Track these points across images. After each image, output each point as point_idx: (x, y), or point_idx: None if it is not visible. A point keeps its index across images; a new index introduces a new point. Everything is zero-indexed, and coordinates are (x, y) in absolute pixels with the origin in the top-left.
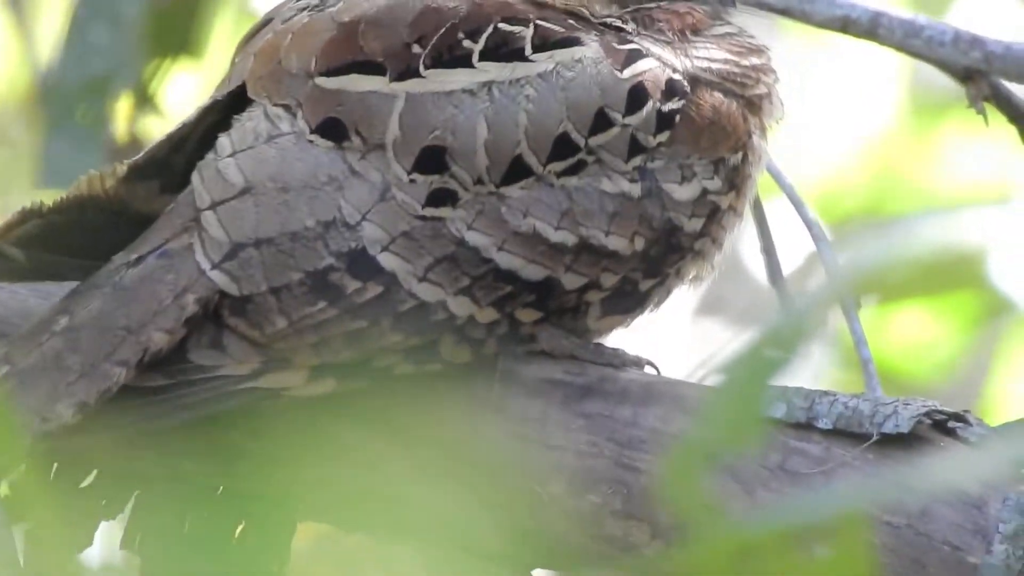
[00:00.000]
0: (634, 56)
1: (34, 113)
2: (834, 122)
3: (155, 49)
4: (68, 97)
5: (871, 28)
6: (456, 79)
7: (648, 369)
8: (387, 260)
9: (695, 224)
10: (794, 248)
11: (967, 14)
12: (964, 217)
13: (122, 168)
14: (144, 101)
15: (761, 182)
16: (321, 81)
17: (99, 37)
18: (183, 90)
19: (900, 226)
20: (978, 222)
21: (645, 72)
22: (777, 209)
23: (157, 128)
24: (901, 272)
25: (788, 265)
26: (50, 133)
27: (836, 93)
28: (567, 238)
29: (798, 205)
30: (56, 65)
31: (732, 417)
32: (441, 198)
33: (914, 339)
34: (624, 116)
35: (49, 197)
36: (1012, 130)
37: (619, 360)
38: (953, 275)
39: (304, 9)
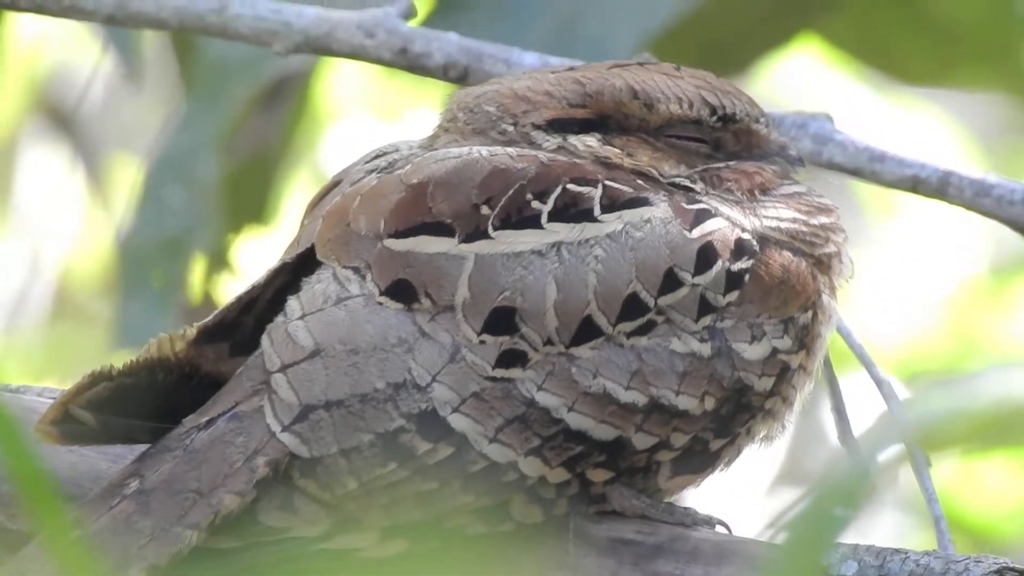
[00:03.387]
0: (703, 216)
1: (112, 279)
2: (911, 282)
3: (229, 211)
4: (143, 259)
5: (941, 187)
6: (525, 240)
7: (719, 528)
8: (457, 421)
9: (765, 383)
10: (867, 408)
11: None
12: None
13: (192, 331)
14: (218, 263)
15: (832, 342)
16: (390, 243)
17: (173, 199)
18: (257, 252)
19: (967, 381)
20: None
21: (714, 232)
22: (851, 372)
23: (231, 290)
24: (968, 425)
25: (860, 425)
26: (125, 297)
27: (917, 253)
28: (637, 398)
29: (868, 364)
30: (131, 228)
31: (797, 574)
32: (511, 359)
33: (989, 497)
34: (693, 276)
35: (120, 360)
36: None
37: (690, 519)
38: (1021, 428)
39: (373, 171)
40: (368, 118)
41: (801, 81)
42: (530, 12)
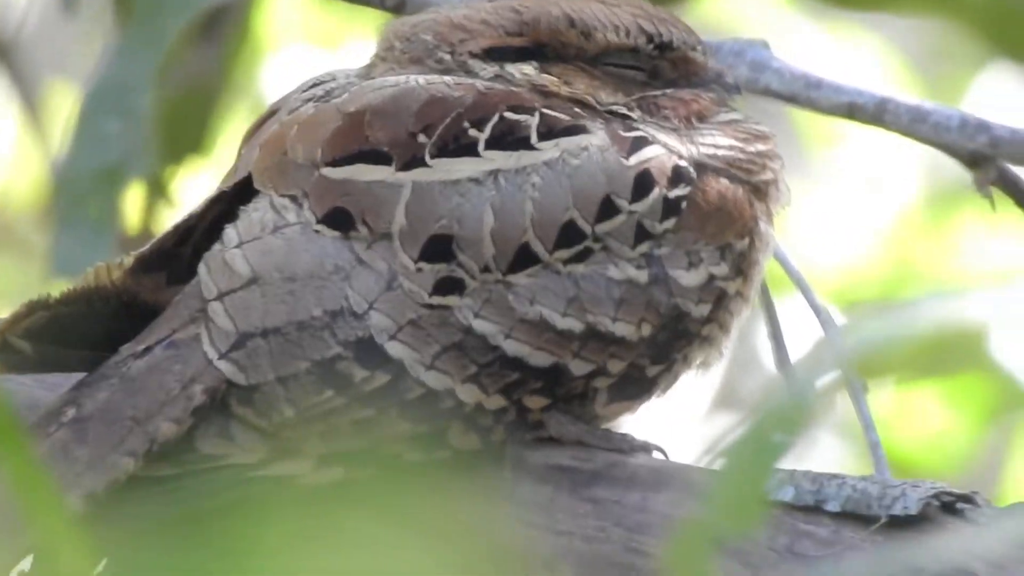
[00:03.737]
0: (640, 143)
1: (47, 209)
2: (848, 209)
3: (167, 141)
4: (79, 189)
5: (877, 114)
6: (462, 168)
7: (657, 454)
8: (394, 348)
9: (702, 310)
10: (804, 335)
11: (982, 101)
12: (968, 299)
13: (129, 260)
14: (156, 193)
15: (769, 268)
16: (327, 171)
17: (110, 129)
18: (195, 182)
19: (905, 309)
20: (982, 304)
21: (651, 159)
22: (789, 299)
23: (169, 220)
24: (905, 352)
25: (797, 351)
26: (61, 227)
27: (850, 179)
28: (574, 325)
29: (806, 291)
30: (67, 158)
31: (736, 500)
32: (448, 286)
33: (925, 424)
34: (630, 203)
35: (57, 290)
36: (1020, 214)
37: (627, 445)
38: (958, 356)
39: (310, 100)
40: (307, 48)
41: (739, 9)
42: None
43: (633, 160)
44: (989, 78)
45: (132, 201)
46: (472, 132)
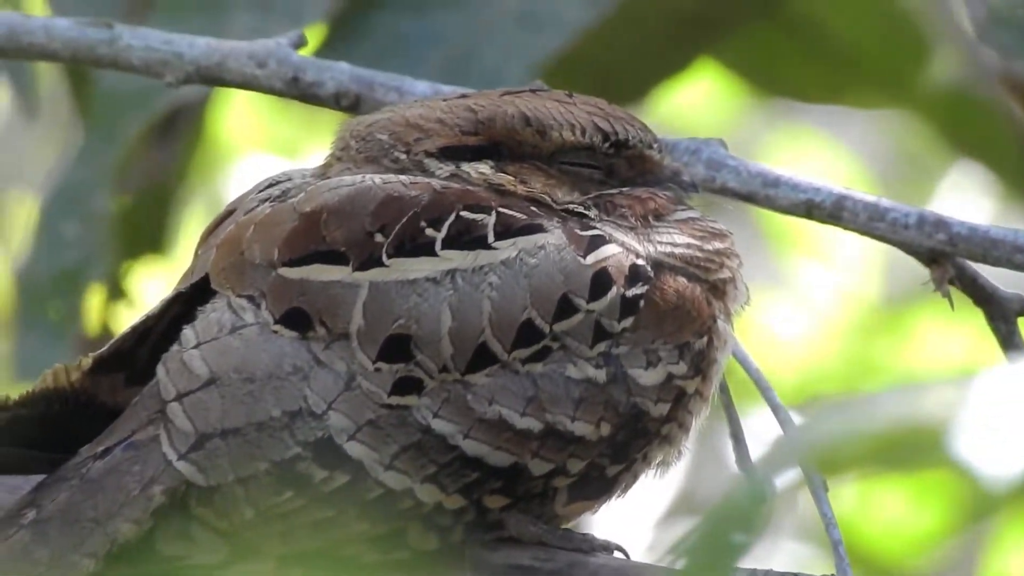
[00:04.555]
0: (597, 242)
1: (9, 313)
2: (807, 307)
3: (126, 242)
4: (40, 292)
5: (835, 212)
6: (419, 267)
7: (618, 554)
8: (354, 449)
9: (661, 409)
10: (765, 435)
11: (946, 205)
12: (927, 394)
13: (87, 361)
14: (116, 294)
15: (729, 367)
16: (284, 271)
17: (69, 232)
18: (155, 282)
19: (864, 403)
20: (941, 399)
21: (608, 258)
22: (750, 401)
23: (129, 320)
24: (865, 448)
25: (758, 451)
26: (23, 330)
27: (810, 277)
28: (533, 424)
29: (765, 389)
30: (27, 262)
31: None
32: (406, 386)
33: (888, 520)
34: (588, 302)
35: (16, 392)
36: (979, 313)
37: (588, 545)
38: (918, 451)
39: (266, 200)
40: (265, 153)
41: (698, 109)
42: (423, 45)
43: (590, 259)
44: (951, 181)
45: (92, 303)
46: (429, 231)
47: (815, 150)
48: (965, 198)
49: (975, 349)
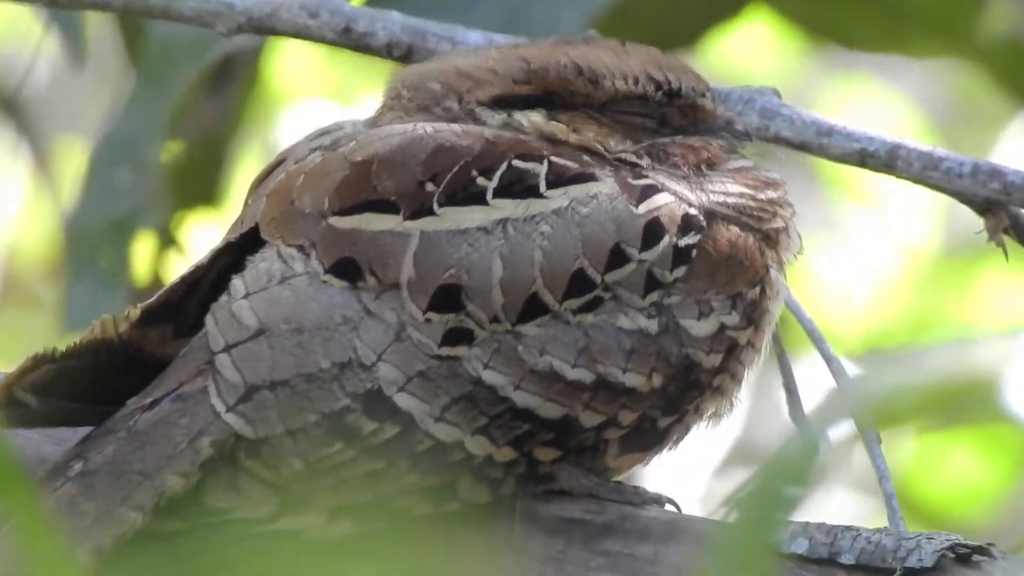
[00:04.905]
0: (649, 191)
1: (58, 262)
2: (867, 258)
3: (178, 192)
4: (90, 241)
5: (889, 161)
6: (470, 217)
7: (669, 507)
8: (403, 400)
9: (713, 360)
10: (819, 386)
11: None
12: (982, 345)
13: (135, 312)
14: (166, 243)
15: (783, 318)
16: (334, 221)
17: (121, 180)
18: (206, 232)
19: (920, 357)
20: (995, 351)
21: (661, 207)
22: (803, 350)
23: (179, 271)
24: (920, 402)
25: (811, 403)
26: (72, 280)
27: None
28: (584, 376)
29: (818, 341)
30: (76, 210)
31: (748, 552)
32: (457, 337)
33: (944, 475)
34: (640, 252)
35: (64, 343)
36: None
37: (639, 498)
38: (974, 405)
39: (317, 149)
40: (319, 101)
41: (750, 56)
42: None
43: (643, 208)
44: (1012, 131)
45: (142, 252)
46: (480, 181)
47: (870, 99)
48: None
49: None
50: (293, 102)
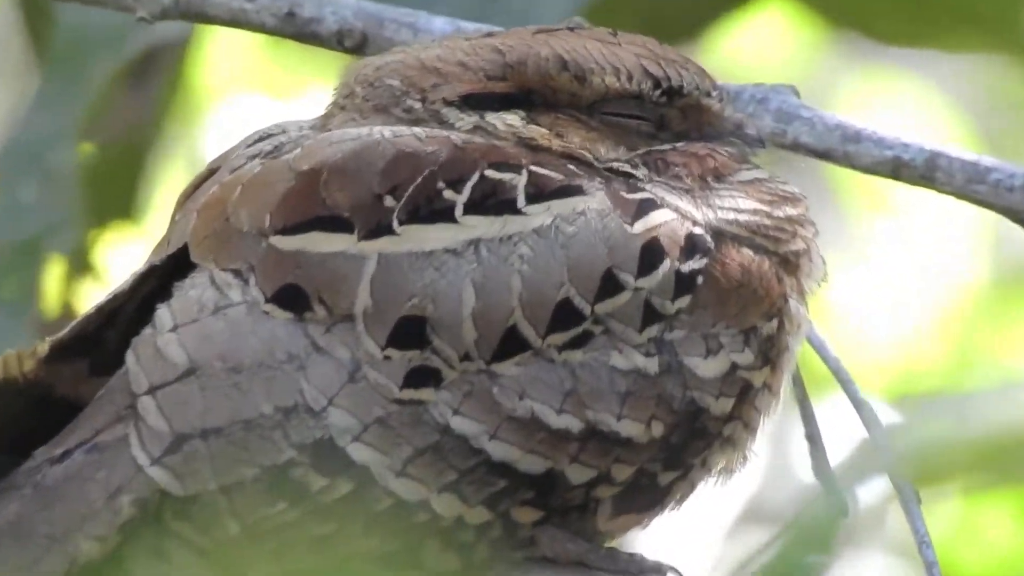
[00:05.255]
0: (647, 206)
1: None
2: (902, 286)
3: (93, 206)
4: None
5: (927, 172)
6: (436, 237)
7: None
8: (358, 452)
9: (723, 405)
10: (845, 435)
11: None
12: None
13: (44, 347)
14: (80, 267)
15: (804, 357)
16: (277, 241)
17: (27, 195)
18: (125, 254)
19: (966, 404)
20: None
21: (660, 225)
22: (827, 393)
23: (93, 298)
24: (965, 456)
25: (838, 455)
26: None
27: (904, 251)
28: (571, 423)
29: (846, 383)
30: None
31: None
32: (422, 378)
33: (990, 541)
34: (636, 278)
35: None
36: None
37: (636, 567)
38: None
39: (256, 157)
40: (255, 98)
41: (762, 49)
42: None
43: (639, 227)
44: None
45: (51, 278)
46: (448, 194)
47: (902, 98)
48: None
49: None
50: (226, 101)
